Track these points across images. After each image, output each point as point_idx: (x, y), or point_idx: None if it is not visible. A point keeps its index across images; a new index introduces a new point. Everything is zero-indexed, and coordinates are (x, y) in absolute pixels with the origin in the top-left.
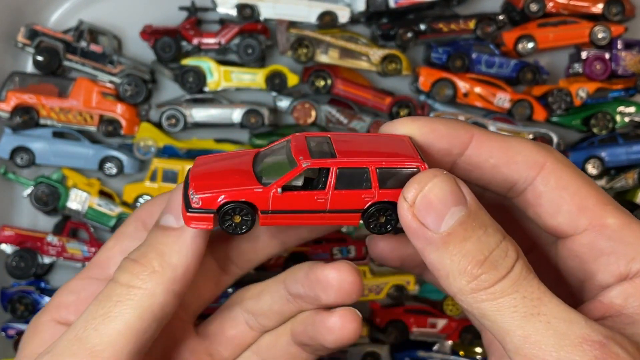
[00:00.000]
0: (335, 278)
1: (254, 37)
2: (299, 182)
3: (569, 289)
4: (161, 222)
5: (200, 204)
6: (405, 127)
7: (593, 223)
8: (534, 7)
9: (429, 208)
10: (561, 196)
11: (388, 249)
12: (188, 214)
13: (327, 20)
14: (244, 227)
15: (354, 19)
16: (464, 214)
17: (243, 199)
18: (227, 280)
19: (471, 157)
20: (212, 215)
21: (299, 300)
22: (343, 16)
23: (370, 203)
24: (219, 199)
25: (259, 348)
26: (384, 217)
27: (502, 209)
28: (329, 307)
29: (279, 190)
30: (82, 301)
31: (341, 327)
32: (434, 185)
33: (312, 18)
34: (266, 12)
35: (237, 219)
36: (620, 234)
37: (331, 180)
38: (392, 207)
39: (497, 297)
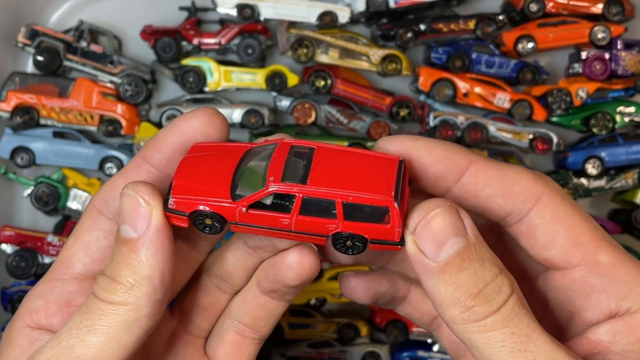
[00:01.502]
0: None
1: (254, 37)
2: (267, 202)
3: (556, 319)
4: (120, 234)
5: (175, 206)
6: (402, 145)
7: (586, 259)
8: (533, 7)
9: (428, 237)
10: (556, 230)
11: (360, 288)
12: (166, 211)
13: (327, 21)
14: (214, 230)
15: (354, 19)
16: (463, 245)
17: (212, 211)
18: (197, 256)
19: (467, 185)
20: (186, 217)
21: (259, 251)
22: (343, 16)
23: (333, 232)
24: (191, 207)
25: (231, 310)
26: (351, 242)
27: (494, 232)
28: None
29: (243, 209)
30: (50, 304)
31: (299, 261)
32: (436, 215)
33: (312, 18)
34: (266, 12)
35: (209, 221)
36: (612, 272)
37: (296, 206)
38: (356, 238)
39: (487, 330)
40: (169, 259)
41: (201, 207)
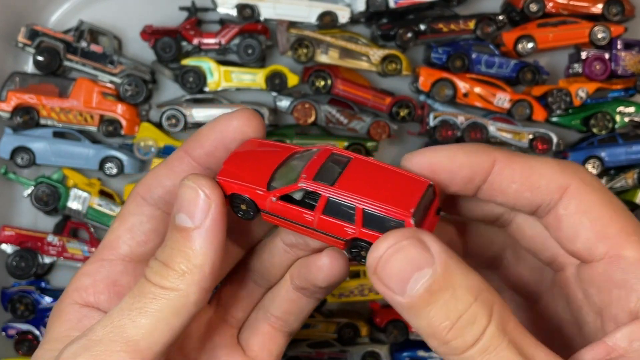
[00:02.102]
0: None
1: (254, 38)
2: (297, 197)
3: (590, 315)
4: (176, 221)
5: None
6: (425, 158)
7: (610, 253)
8: (533, 7)
9: (390, 276)
10: (581, 222)
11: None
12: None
13: (327, 21)
14: (247, 215)
15: (354, 19)
16: (428, 278)
17: (247, 195)
18: (239, 251)
19: (493, 183)
20: (226, 198)
21: (294, 249)
22: (343, 16)
23: (351, 237)
24: (231, 189)
25: (264, 303)
26: (365, 252)
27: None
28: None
29: (273, 198)
30: (98, 283)
31: (330, 265)
32: (396, 251)
33: (312, 18)
34: (266, 12)
35: (244, 207)
36: (635, 268)
37: (320, 205)
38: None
39: None
40: (220, 251)
41: (236, 191)
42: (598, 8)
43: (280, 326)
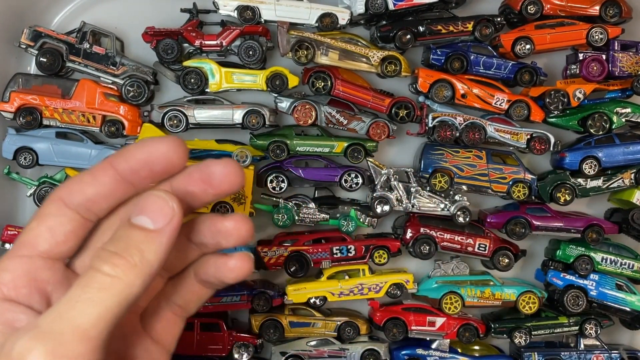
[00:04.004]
0: (233, 227)
1: (255, 39)
2: None
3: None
4: (135, 221)
5: None
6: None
7: None
8: (531, 9)
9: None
10: None
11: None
12: None
13: (327, 22)
14: None
15: (354, 21)
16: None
17: None
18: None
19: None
20: None
21: (202, 247)
22: (343, 18)
23: None
24: None
25: (166, 291)
26: None
27: None
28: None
29: None
30: (18, 278)
31: (240, 266)
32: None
33: (313, 20)
34: (267, 14)
35: None
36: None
37: None
38: None
39: None
40: (168, 252)
41: None
42: (595, 10)
43: (181, 313)
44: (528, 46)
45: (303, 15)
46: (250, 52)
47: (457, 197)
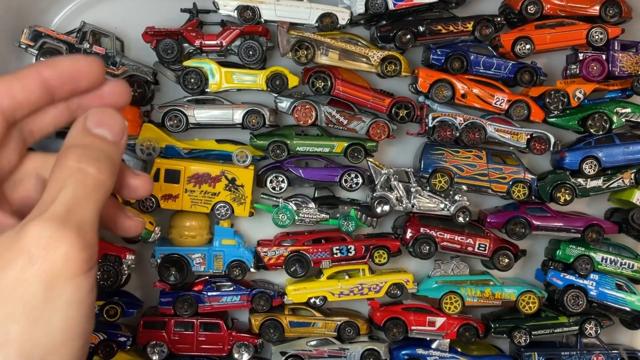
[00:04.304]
0: (140, 184)
1: (255, 39)
2: None
3: None
4: (97, 132)
5: None
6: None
7: None
8: (531, 9)
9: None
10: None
11: None
12: None
13: (327, 22)
14: None
15: (354, 21)
16: None
17: None
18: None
19: None
20: None
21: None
22: (343, 18)
23: None
24: None
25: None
26: None
27: None
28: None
29: None
30: None
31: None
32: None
33: (313, 20)
34: (267, 14)
35: None
36: None
37: None
38: None
39: None
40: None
41: None
42: (595, 10)
43: None
44: (528, 46)
45: (303, 15)
46: (250, 52)
47: (457, 197)
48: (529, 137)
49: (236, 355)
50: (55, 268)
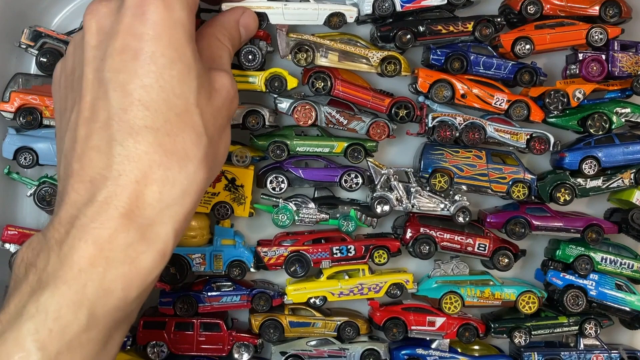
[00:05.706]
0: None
1: (254, 43)
2: None
3: None
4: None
5: None
6: None
7: None
8: (531, 9)
9: None
10: None
11: None
12: None
13: (335, 22)
14: None
15: (360, 21)
16: None
17: None
18: None
19: None
20: None
21: None
22: (351, 16)
23: None
24: None
25: None
26: None
27: None
28: None
29: None
30: None
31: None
32: None
33: (321, 21)
34: (275, 19)
35: None
36: None
37: None
38: None
39: None
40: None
41: None
42: (595, 10)
43: None
44: (528, 46)
45: (311, 17)
46: (250, 57)
47: (457, 197)
48: (528, 137)
49: (236, 355)
50: None
